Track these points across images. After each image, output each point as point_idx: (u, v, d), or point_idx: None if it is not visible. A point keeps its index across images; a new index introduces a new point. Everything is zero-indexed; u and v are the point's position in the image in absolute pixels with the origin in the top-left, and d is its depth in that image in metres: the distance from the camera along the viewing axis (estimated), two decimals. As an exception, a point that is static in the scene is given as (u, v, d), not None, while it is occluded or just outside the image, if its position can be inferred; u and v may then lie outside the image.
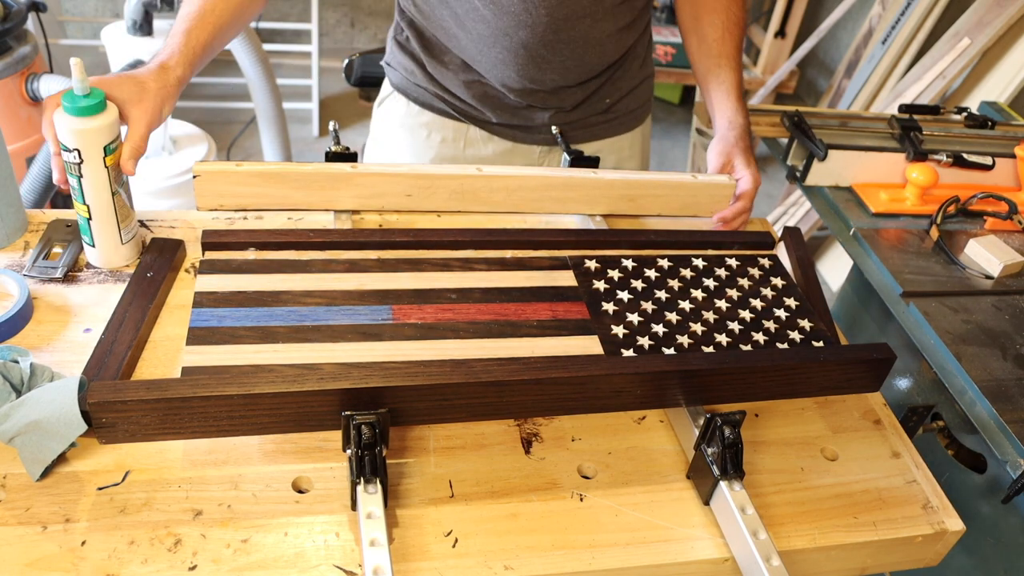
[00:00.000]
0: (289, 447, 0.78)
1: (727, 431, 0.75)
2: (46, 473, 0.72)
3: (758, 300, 0.94)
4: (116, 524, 0.69)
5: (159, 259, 0.93)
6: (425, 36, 1.19)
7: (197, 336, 0.78)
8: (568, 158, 1.13)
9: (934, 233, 1.24)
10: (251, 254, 0.93)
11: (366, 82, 1.69)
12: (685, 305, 0.92)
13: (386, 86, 1.31)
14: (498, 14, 1.09)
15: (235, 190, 0.99)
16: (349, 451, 0.71)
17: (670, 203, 1.13)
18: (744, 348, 0.88)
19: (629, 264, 0.96)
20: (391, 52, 1.27)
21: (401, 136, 1.28)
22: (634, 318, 0.89)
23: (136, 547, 0.68)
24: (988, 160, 1.36)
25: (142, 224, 1.01)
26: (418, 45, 1.20)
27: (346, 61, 1.67)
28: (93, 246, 0.93)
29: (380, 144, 1.33)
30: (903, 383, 1.23)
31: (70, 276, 0.93)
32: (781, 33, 3.36)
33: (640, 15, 1.20)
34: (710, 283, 0.96)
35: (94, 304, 0.89)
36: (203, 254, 0.92)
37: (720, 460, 0.76)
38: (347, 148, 1.06)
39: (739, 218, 1.14)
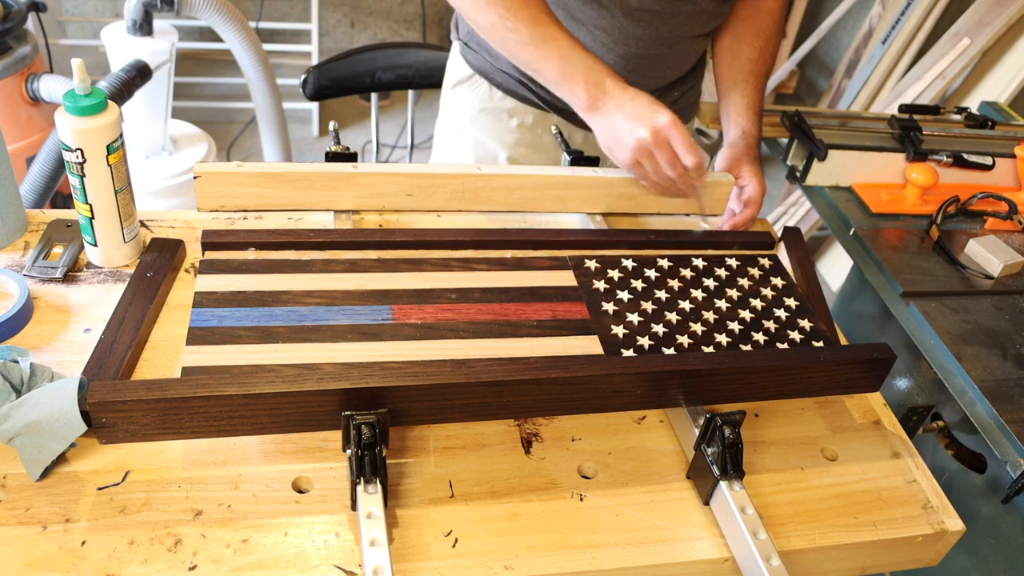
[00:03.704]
0: (289, 447, 0.78)
1: (727, 431, 0.75)
2: (46, 473, 0.72)
3: (758, 300, 0.94)
4: (116, 524, 0.69)
5: (159, 259, 0.93)
6: None
7: (197, 336, 0.78)
8: (568, 157, 1.13)
9: (934, 233, 1.24)
10: (251, 254, 0.93)
11: (323, 95, 1.68)
12: (685, 305, 0.92)
13: (462, 67, 1.29)
14: (628, 24, 1.13)
15: (236, 191, 0.99)
16: (349, 451, 0.71)
17: (670, 201, 1.13)
18: (744, 348, 0.88)
19: (629, 264, 0.96)
20: (473, 33, 1.25)
21: (483, 120, 1.29)
22: (634, 318, 0.89)
23: (136, 547, 0.68)
24: (988, 160, 1.36)
25: (142, 224, 1.01)
26: None
27: (303, 77, 1.65)
28: (95, 245, 0.93)
29: (459, 128, 1.32)
30: (903, 383, 1.23)
31: (70, 276, 0.93)
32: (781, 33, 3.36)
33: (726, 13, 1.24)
34: (710, 283, 0.96)
35: (94, 304, 0.89)
36: (203, 254, 0.92)
37: (720, 460, 0.76)
38: (347, 148, 1.06)
39: (747, 226, 1.14)
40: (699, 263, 0.98)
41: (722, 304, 0.93)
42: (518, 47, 1.02)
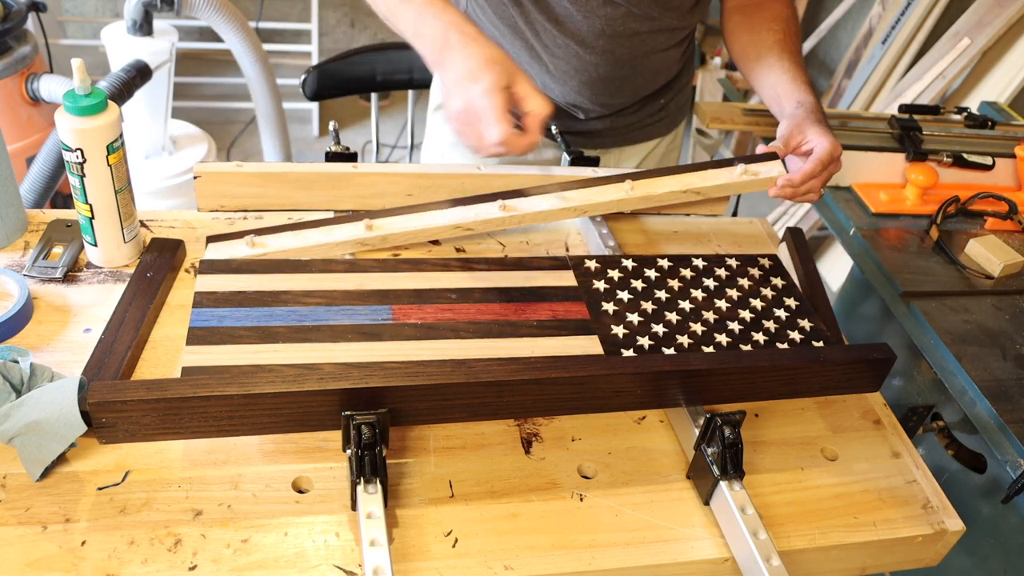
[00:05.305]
0: (289, 447, 0.78)
1: (727, 431, 0.75)
2: (46, 473, 0.72)
3: (758, 300, 0.94)
4: (116, 524, 0.69)
5: (159, 259, 0.93)
6: None
7: (197, 336, 0.78)
8: (568, 158, 1.13)
9: (934, 233, 1.24)
10: (249, 250, 0.93)
11: (323, 95, 1.68)
12: (685, 305, 0.92)
13: (438, 93, 1.30)
14: (584, 52, 1.13)
15: (236, 190, 0.99)
16: (349, 451, 0.71)
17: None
18: (744, 348, 0.88)
19: (629, 264, 0.96)
20: None
21: (462, 146, 1.29)
22: (634, 318, 0.89)
23: (136, 547, 0.68)
24: (988, 160, 1.36)
25: (142, 224, 1.01)
26: None
27: (303, 77, 1.65)
28: (95, 245, 0.93)
29: (442, 151, 1.33)
30: (903, 383, 1.23)
31: (70, 276, 0.93)
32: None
33: (693, 24, 1.23)
34: (710, 283, 0.96)
35: (94, 304, 0.89)
36: (206, 245, 0.92)
37: (720, 460, 0.76)
38: (347, 148, 1.06)
39: (807, 183, 1.05)
40: (699, 263, 0.98)
41: (722, 304, 0.93)
42: (399, 23, 0.95)
